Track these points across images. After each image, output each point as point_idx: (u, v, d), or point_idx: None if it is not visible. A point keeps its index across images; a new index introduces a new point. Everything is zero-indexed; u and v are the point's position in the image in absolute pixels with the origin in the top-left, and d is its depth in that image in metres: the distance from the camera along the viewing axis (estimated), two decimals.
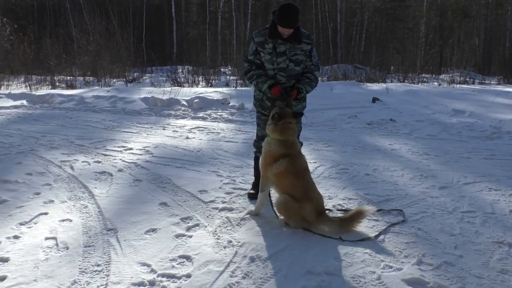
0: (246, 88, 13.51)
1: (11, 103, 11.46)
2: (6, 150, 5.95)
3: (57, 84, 15.85)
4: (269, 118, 3.49)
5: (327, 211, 3.43)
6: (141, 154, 5.75)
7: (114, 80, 17.09)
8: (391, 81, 15.90)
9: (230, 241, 3.09)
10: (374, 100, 9.94)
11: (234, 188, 4.31)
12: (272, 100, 3.78)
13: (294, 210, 3.18)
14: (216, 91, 11.53)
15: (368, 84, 13.01)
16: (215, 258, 2.83)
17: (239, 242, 3.07)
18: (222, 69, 20.03)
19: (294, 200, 3.17)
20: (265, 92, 3.79)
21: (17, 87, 15.33)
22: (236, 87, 13.73)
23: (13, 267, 2.74)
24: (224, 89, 12.23)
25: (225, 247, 3.00)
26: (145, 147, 6.15)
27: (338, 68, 18.26)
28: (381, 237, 3.14)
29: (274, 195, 3.68)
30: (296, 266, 2.72)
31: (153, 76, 19.41)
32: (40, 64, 16.90)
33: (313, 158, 5.46)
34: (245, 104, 9.64)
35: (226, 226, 3.38)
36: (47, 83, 15.92)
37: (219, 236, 3.18)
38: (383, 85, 12.59)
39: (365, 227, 3.32)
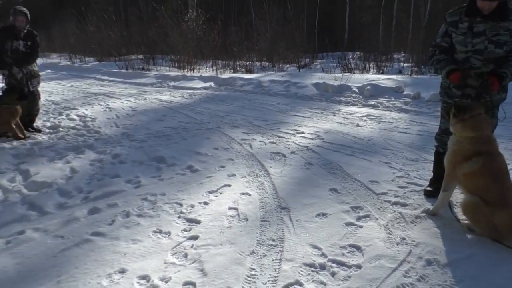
0: (422, 75, 12.55)
1: (201, 84, 13.08)
2: (198, 126, 6.83)
3: (237, 68, 17.37)
4: (451, 117, 3.12)
5: None
6: (312, 139, 5.90)
7: (287, 66, 17.85)
8: None
9: (404, 239, 2.93)
10: None
11: (408, 183, 4.07)
12: (460, 87, 3.38)
13: (484, 216, 2.80)
14: (388, 79, 11.00)
15: None
16: (387, 254, 2.73)
17: (414, 241, 2.90)
18: (395, 56, 19.00)
19: (486, 204, 2.79)
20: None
21: (206, 71, 17.35)
22: (410, 75, 12.87)
23: (203, 229, 3.14)
24: (398, 77, 11.58)
25: (397, 244, 2.87)
26: (316, 131, 6.28)
27: None
28: None
29: (454, 196, 3.36)
30: (482, 280, 2.42)
31: (324, 62, 19.63)
32: (225, 50, 18.72)
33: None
34: (421, 93, 8.97)
35: (399, 222, 3.22)
36: (230, 67, 17.57)
37: (391, 231, 3.06)
38: None
39: None
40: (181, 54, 17.53)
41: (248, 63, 18.09)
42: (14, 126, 5.60)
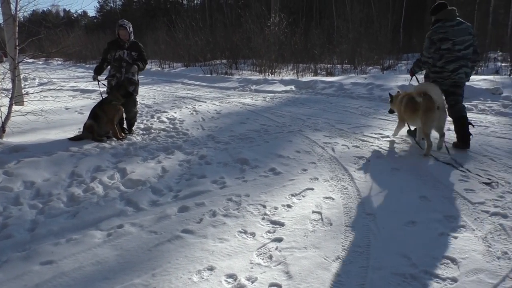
0: None
1: (282, 88, 13.18)
2: (279, 129, 6.88)
3: (318, 71, 17.23)
4: None
5: None
6: (398, 143, 5.66)
7: (370, 68, 17.32)
8: None
9: (506, 253, 2.69)
10: None
11: (509, 192, 3.73)
12: None
13: None
14: (484, 79, 10.21)
15: None
16: (486, 268, 2.53)
17: None
18: (490, 55, 17.57)
19: None
20: None
21: (287, 74, 17.46)
22: (510, 75, 11.80)
23: (287, 231, 3.15)
24: (495, 77, 10.67)
25: (498, 258, 2.63)
26: (402, 135, 6.01)
27: None
28: None
29: None
30: None
31: (409, 63, 18.72)
32: (306, 53, 18.68)
33: None
34: None
35: (499, 234, 2.96)
36: (310, 70, 17.50)
37: (490, 244, 2.82)
38: None
39: None
40: (263, 58, 17.81)
41: (329, 65, 17.87)
42: (115, 125, 6.14)
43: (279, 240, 3.01)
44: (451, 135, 6.01)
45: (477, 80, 10.08)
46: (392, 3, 28.97)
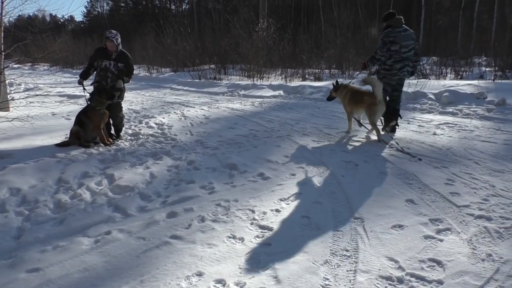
0: (507, 80, 11.69)
1: (271, 93, 13.23)
2: (268, 134, 6.90)
3: (306, 76, 17.33)
4: None
5: None
6: (386, 147, 5.72)
7: (357, 72, 17.45)
8: None
9: (490, 255, 2.74)
10: None
11: (493, 195, 3.80)
12: None
13: None
14: (469, 84, 10.38)
15: None
16: (471, 270, 2.57)
17: (502, 258, 2.70)
18: (475, 60, 17.88)
19: None
20: None
21: (275, 79, 17.51)
22: (494, 80, 12.01)
23: (276, 236, 3.16)
24: (479, 82, 10.86)
25: (483, 260, 2.68)
26: (389, 140, 6.08)
27: None
28: None
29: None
30: None
31: None
32: (295, 58, 18.78)
33: None
34: (506, 100, 8.34)
35: (484, 237, 3.01)
36: (299, 75, 17.59)
37: (475, 247, 2.87)
38: None
39: None
40: (251, 63, 17.86)
41: (317, 70, 17.98)
42: (102, 131, 6.09)
43: (268, 244, 3.02)
44: (436, 139, 6.11)
45: (462, 85, 10.25)
46: (378, 8, 29.37)
